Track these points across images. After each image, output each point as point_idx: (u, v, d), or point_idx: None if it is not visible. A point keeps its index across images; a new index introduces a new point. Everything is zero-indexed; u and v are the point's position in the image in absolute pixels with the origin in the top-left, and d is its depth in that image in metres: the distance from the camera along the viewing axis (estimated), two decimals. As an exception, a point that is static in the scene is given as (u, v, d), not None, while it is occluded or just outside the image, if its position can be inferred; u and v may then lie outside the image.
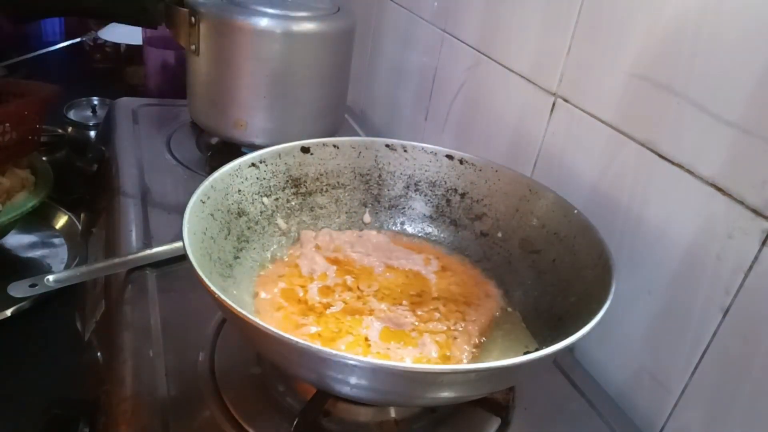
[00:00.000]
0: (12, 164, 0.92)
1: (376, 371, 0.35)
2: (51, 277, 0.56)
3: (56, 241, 1.02)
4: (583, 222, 0.49)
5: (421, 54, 0.87)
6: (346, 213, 0.60)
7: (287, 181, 0.57)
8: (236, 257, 0.51)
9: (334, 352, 0.34)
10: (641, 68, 0.51)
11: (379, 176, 0.61)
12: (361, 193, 0.61)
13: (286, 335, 0.35)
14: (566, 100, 0.60)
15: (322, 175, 0.59)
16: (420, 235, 0.60)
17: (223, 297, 0.37)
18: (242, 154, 0.54)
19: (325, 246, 0.57)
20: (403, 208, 0.61)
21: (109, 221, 0.69)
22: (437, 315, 0.50)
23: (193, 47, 0.74)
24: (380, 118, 1.02)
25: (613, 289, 0.41)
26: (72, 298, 0.78)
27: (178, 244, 0.58)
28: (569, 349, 0.38)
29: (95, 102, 1.28)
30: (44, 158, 0.99)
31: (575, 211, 0.51)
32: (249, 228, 0.53)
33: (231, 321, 0.44)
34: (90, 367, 0.57)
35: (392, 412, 0.47)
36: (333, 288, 0.52)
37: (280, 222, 0.56)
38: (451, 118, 0.81)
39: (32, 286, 0.54)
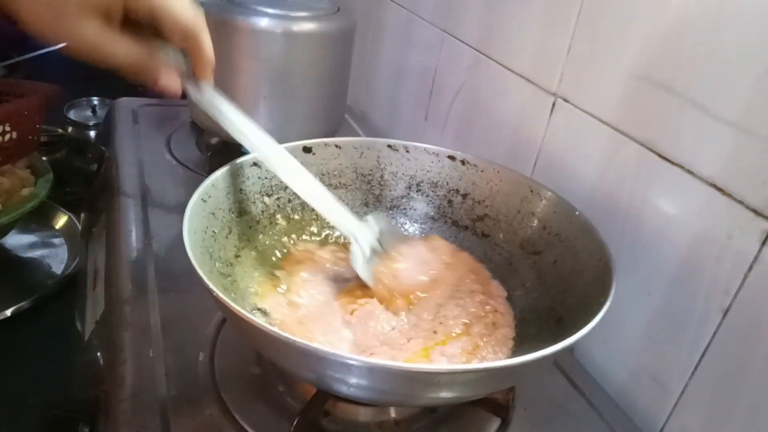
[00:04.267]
0: (12, 164, 0.92)
1: (374, 371, 0.35)
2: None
3: (56, 241, 1.02)
4: (584, 223, 0.49)
5: (421, 54, 0.87)
6: (347, 213, 0.60)
7: (288, 181, 0.57)
8: (237, 256, 0.51)
9: (333, 351, 0.34)
10: (641, 68, 0.51)
11: (381, 176, 0.61)
12: (362, 194, 0.61)
13: (286, 335, 0.35)
14: (566, 100, 0.60)
15: (323, 175, 0.59)
16: (421, 236, 0.60)
17: (222, 296, 0.37)
18: (242, 154, 0.54)
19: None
20: (405, 208, 0.61)
21: (109, 221, 0.69)
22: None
23: (193, 47, 0.74)
24: (380, 118, 1.02)
25: (613, 291, 0.41)
26: (72, 298, 0.78)
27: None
28: (569, 349, 0.37)
29: (95, 102, 1.28)
30: (44, 158, 0.99)
31: (576, 213, 0.51)
32: (250, 227, 0.53)
33: (231, 321, 0.44)
34: (90, 367, 0.57)
35: (392, 412, 0.47)
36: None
37: (282, 221, 0.56)
38: (451, 118, 0.81)
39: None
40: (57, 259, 0.98)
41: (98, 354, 0.55)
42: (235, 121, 0.50)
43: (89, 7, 0.41)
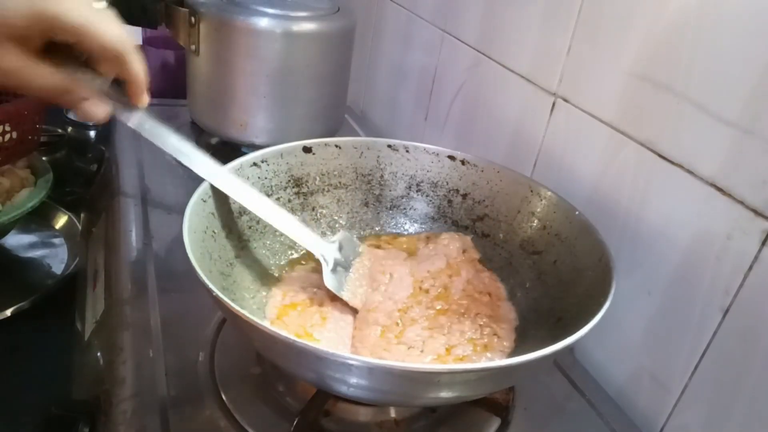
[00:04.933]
0: (12, 164, 0.92)
1: (374, 371, 0.35)
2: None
3: (56, 241, 1.02)
4: (584, 223, 0.49)
5: (421, 54, 0.87)
6: (348, 213, 0.60)
7: (289, 180, 0.57)
8: (237, 256, 0.51)
9: (332, 351, 0.34)
10: (641, 68, 0.51)
11: (381, 176, 0.61)
12: (362, 193, 0.61)
13: (286, 335, 0.35)
14: (566, 100, 0.60)
15: (323, 174, 0.59)
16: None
17: (222, 296, 0.37)
18: (242, 154, 0.54)
19: None
20: (405, 208, 0.61)
21: (109, 221, 0.69)
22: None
23: (193, 47, 0.74)
24: (380, 118, 1.02)
25: (613, 291, 0.41)
26: (72, 298, 0.78)
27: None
28: (569, 349, 0.37)
29: (95, 102, 1.28)
30: (44, 158, 0.99)
31: (576, 213, 0.51)
32: (250, 227, 0.53)
33: (231, 320, 0.44)
34: (90, 367, 0.57)
35: (392, 412, 0.47)
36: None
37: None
38: (451, 118, 0.81)
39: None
40: (57, 259, 0.98)
41: (98, 354, 0.55)
42: (180, 147, 0.48)
43: (4, 35, 0.39)
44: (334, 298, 0.50)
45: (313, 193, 0.58)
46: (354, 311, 0.50)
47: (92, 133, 1.20)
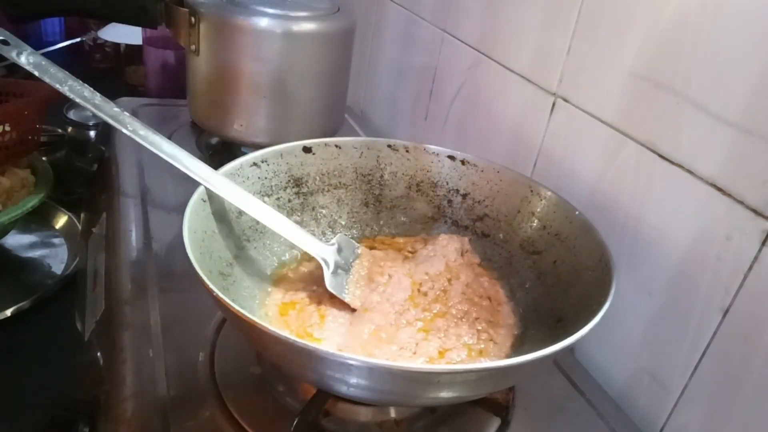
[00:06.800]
0: (12, 164, 0.92)
1: (374, 371, 0.35)
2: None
3: (56, 241, 1.02)
4: (584, 223, 0.49)
5: (421, 54, 0.87)
6: (348, 213, 0.60)
7: (289, 180, 0.57)
8: (237, 256, 0.51)
9: (332, 351, 0.34)
10: (641, 68, 0.51)
11: (381, 176, 0.61)
12: (362, 193, 0.61)
13: (287, 335, 0.35)
14: (566, 100, 0.60)
15: (323, 174, 0.59)
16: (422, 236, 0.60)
17: (222, 296, 0.37)
18: (242, 153, 0.55)
19: None
20: (405, 208, 0.61)
21: (109, 221, 0.69)
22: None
23: (193, 47, 0.74)
24: (380, 118, 1.02)
25: (613, 291, 0.41)
26: (72, 298, 0.78)
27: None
28: (569, 349, 0.37)
29: (95, 102, 1.27)
30: (44, 158, 0.99)
31: (576, 213, 0.51)
32: (250, 227, 0.53)
33: (231, 320, 0.44)
34: (90, 367, 0.57)
35: (392, 412, 0.47)
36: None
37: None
38: (451, 118, 0.81)
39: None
40: (57, 259, 0.98)
41: (98, 354, 0.55)
42: (175, 153, 0.49)
43: None
44: (333, 296, 0.50)
45: (313, 193, 0.58)
46: (353, 311, 0.50)
47: (92, 133, 1.20)
